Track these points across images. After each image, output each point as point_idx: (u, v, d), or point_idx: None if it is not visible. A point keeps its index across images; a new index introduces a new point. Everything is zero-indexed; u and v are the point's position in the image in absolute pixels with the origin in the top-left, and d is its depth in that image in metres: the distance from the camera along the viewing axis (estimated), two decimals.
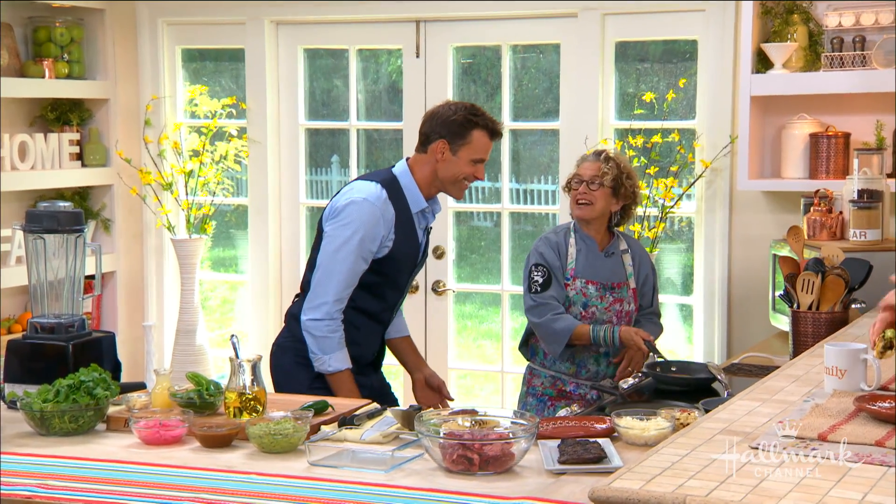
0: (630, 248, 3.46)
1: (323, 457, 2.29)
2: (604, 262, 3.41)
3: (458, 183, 3.15)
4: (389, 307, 3.23)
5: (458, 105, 3.16)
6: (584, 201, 3.35)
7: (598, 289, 3.37)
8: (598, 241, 3.41)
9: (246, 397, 2.56)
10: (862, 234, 3.74)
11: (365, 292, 3.14)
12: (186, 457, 2.35)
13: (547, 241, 3.39)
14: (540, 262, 3.36)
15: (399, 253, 3.12)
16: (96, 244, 3.07)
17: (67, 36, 4.90)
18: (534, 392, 3.41)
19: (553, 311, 3.30)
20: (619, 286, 3.40)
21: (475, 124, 3.11)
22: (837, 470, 1.71)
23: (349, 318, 3.12)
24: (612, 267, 3.41)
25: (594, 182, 3.35)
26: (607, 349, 3.36)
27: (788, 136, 4.21)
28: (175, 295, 5.18)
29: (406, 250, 3.14)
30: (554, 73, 4.71)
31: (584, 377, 3.36)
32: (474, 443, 2.17)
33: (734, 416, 2.04)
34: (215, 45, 5.17)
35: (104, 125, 5.05)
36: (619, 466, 2.11)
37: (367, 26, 4.90)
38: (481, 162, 3.15)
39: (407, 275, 3.21)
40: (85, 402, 2.52)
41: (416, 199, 3.14)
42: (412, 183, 3.14)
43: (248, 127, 5.04)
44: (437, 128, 3.12)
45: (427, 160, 3.14)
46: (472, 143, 3.11)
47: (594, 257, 3.40)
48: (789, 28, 4.14)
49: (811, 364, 2.51)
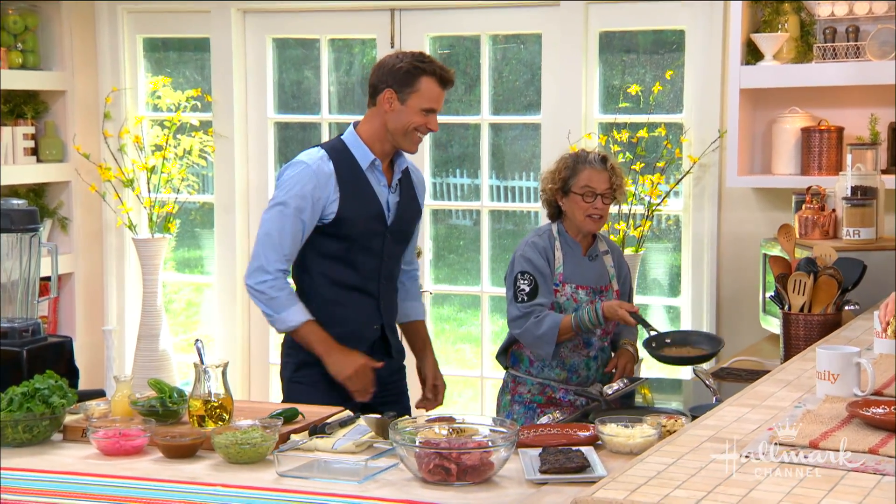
0: (610, 250, 3.50)
1: (292, 467, 2.28)
2: (589, 266, 3.43)
3: (410, 134, 3.12)
4: (370, 275, 3.18)
5: (405, 53, 3.15)
6: (598, 216, 3.37)
7: (587, 293, 3.38)
8: (582, 244, 3.43)
9: (211, 405, 2.54)
10: (856, 232, 3.77)
11: (335, 262, 3.14)
12: (148, 468, 2.34)
13: (534, 246, 3.39)
14: (526, 270, 3.35)
15: (351, 212, 3.10)
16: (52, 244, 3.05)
17: (21, 24, 4.86)
18: (521, 400, 3.42)
19: (535, 315, 3.31)
20: (605, 289, 3.43)
21: (423, 71, 3.09)
22: (830, 479, 1.72)
23: (332, 297, 3.14)
24: (597, 270, 3.44)
25: (607, 196, 3.37)
26: (590, 337, 3.37)
27: (779, 130, 4.23)
28: (137, 297, 5.15)
29: (361, 209, 3.12)
30: (535, 65, 4.72)
31: (574, 383, 3.36)
32: (451, 451, 2.17)
33: (723, 423, 2.05)
34: (179, 34, 5.14)
35: (61, 118, 5.02)
36: (602, 476, 2.11)
37: (339, 15, 4.89)
38: (432, 112, 3.12)
39: (380, 237, 3.18)
40: (40, 410, 2.50)
41: (365, 154, 3.13)
42: (357, 140, 3.14)
43: (213, 120, 5.02)
44: (383, 77, 3.11)
45: (376, 113, 3.13)
46: (421, 90, 3.09)
47: (579, 261, 3.41)
48: (780, 18, 4.16)
49: (803, 368, 2.53)
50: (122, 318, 5.20)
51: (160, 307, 5.01)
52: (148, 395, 2.69)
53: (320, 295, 3.15)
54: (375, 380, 3.13)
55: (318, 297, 3.15)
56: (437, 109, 3.13)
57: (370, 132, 3.14)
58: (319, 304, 3.14)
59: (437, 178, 4.99)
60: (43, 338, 2.88)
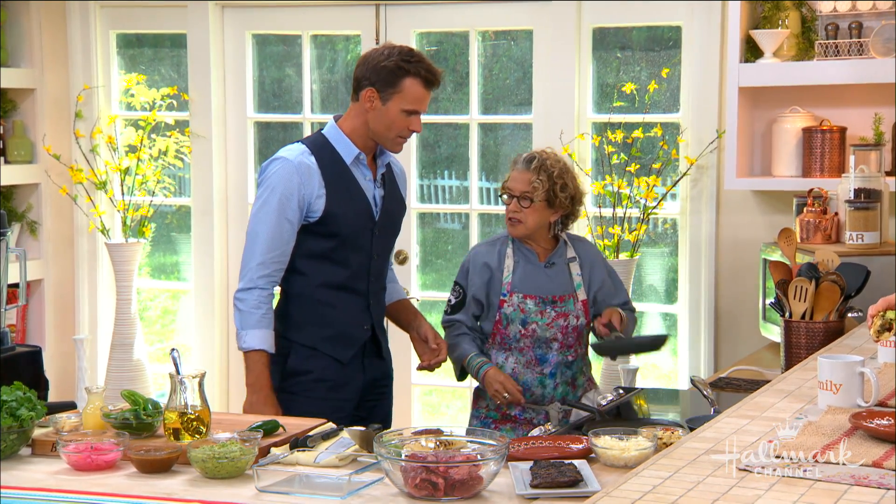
0: (578, 256, 3.41)
1: (273, 482, 2.28)
2: (545, 275, 3.38)
3: (393, 136, 3.12)
4: (359, 274, 3.18)
5: (392, 49, 3.12)
6: (515, 219, 3.33)
7: (536, 303, 3.34)
8: (538, 252, 3.39)
9: (188, 417, 2.54)
10: (859, 236, 3.78)
11: (326, 263, 3.14)
12: (121, 483, 2.33)
13: (480, 255, 3.40)
14: (458, 282, 3.41)
15: (339, 209, 3.10)
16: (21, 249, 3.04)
17: None
18: (478, 414, 3.43)
19: (455, 332, 3.37)
20: (562, 299, 3.37)
21: (407, 72, 3.08)
22: (832, 493, 1.72)
23: (320, 299, 3.13)
24: (555, 278, 3.37)
25: (525, 198, 3.30)
26: (545, 353, 3.36)
27: (780, 130, 4.25)
28: (110, 305, 5.14)
29: (349, 206, 3.12)
30: (527, 62, 4.73)
31: (529, 401, 3.35)
32: (439, 465, 2.16)
33: (721, 435, 2.05)
34: (154, 29, 5.14)
35: (30, 118, 5.01)
36: (596, 490, 2.11)
37: (322, 10, 4.90)
38: (416, 114, 3.11)
39: (369, 234, 3.18)
40: (7, 423, 2.49)
41: (348, 148, 3.13)
42: (340, 134, 3.14)
43: (190, 120, 5.01)
44: (367, 74, 3.11)
45: (358, 110, 3.13)
46: (404, 92, 3.08)
47: (533, 269, 3.37)
48: (780, 14, 4.18)
49: (804, 378, 2.53)
50: (94, 326, 5.18)
51: (134, 315, 5.00)
52: (121, 407, 2.68)
53: (308, 297, 3.15)
54: (359, 389, 3.13)
55: (306, 299, 3.15)
56: (422, 111, 3.13)
57: (352, 127, 3.14)
58: (308, 306, 3.14)
59: (425, 180, 4.99)
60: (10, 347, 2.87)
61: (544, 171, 3.30)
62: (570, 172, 3.37)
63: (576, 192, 3.36)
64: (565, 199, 3.32)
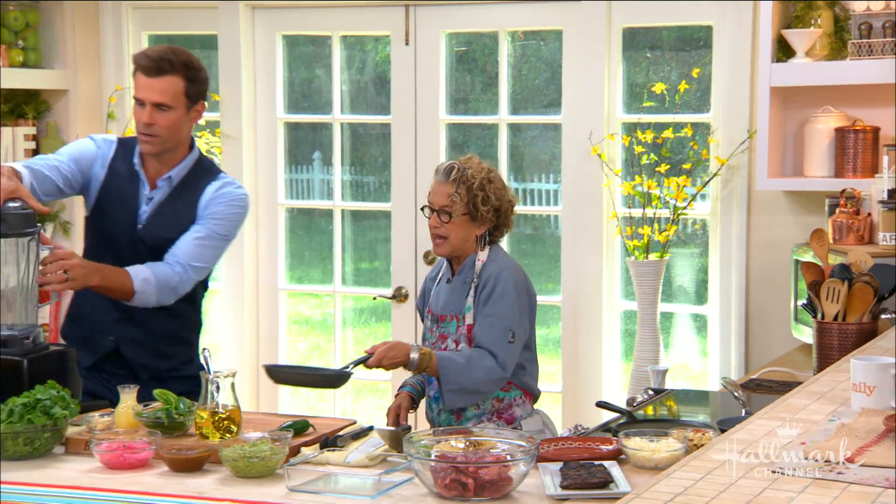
0: (480, 279, 3.11)
1: (303, 482, 2.29)
2: (445, 291, 3.18)
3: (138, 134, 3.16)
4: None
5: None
6: (439, 236, 3.11)
7: (431, 320, 3.19)
8: (453, 266, 3.19)
9: (219, 417, 2.55)
10: (892, 237, 3.75)
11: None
12: (153, 482, 2.35)
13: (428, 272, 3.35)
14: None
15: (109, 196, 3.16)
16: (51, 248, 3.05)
17: (22, 20, 4.89)
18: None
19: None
20: (442, 319, 3.15)
21: (134, 65, 3.14)
22: (866, 496, 1.71)
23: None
24: (448, 296, 3.15)
25: (444, 213, 3.08)
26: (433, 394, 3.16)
27: (812, 130, 4.22)
28: None
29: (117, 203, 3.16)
30: (556, 63, 4.72)
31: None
32: (469, 466, 2.17)
33: (752, 437, 2.04)
34: (185, 30, 5.16)
35: (63, 118, 5.04)
36: (626, 492, 2.11)
37: (351, 10, 4.91)
38: (141, 104, 3.11)
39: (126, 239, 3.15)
40: (41, 422, 2.51)
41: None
42: None
43: (221, 120, 5.04)
44: None
45: None
46: (135, 84, 3.15)
47: (442, 286, 3.22)
48: (813, 13, 4.15)
49: (837, 380, 2.52)
50: None
51: None
52: (153, 407, 2.70)
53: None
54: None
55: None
56: (145, 100, 3.09)
57: None
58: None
59: None
60: (44, 346, 2.89)
61: (463, 184, 3.07)
62: (493, 182, 3.12)
63: (501, 203, 3.12)
64: (487, 213, 3.09)
